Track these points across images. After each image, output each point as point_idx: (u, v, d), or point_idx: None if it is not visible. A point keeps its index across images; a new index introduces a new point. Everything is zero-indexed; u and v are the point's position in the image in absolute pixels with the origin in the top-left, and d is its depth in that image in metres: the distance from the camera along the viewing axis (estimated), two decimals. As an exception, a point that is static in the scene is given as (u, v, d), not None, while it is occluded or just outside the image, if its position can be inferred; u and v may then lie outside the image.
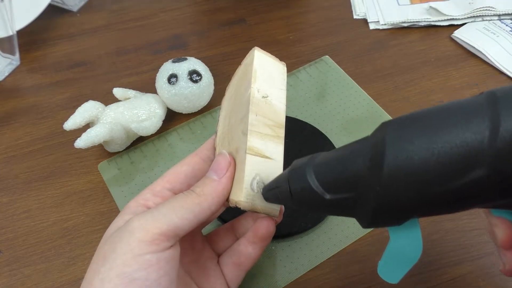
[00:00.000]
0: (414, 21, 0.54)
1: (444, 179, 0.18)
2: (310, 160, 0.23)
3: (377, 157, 0.19)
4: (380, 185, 0.19)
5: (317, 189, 0.22)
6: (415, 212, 0.20)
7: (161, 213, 0.25)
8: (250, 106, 0.27)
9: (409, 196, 0.19)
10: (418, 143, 0.18)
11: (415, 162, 0.18)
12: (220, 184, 0.27)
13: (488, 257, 0.36)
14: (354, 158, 0.21)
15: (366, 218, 0.21)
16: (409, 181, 0.19)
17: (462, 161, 0.18)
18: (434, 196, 0.18)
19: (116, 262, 0.23)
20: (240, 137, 0.28)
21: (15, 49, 0.50)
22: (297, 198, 0.23)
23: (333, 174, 0.21)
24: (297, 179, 0.23)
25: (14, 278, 0.36)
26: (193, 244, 0.30)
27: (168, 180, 0.28)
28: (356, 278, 0.35)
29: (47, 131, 0.45)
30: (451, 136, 0.18)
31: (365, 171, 0.20)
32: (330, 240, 0.37)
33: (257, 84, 0.28)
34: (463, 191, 0.18)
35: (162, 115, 0.43)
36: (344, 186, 0.21)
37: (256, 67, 0.29)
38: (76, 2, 0.57)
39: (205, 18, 0.56)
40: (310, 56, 0.51)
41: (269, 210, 0.27)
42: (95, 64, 0.51)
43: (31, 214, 0.39)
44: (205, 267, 0.30)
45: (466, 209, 0.19)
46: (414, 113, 0.20)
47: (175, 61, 0.43)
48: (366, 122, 0.45)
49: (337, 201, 0.21)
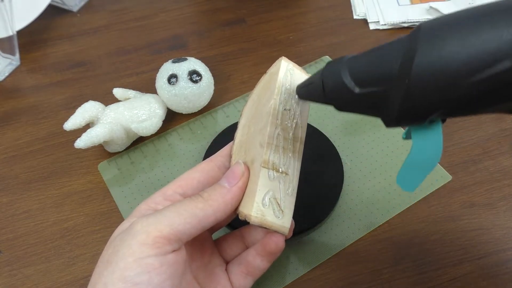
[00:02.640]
0: (414, 21, 0.54)
1: (472, 70, 0.18)
2: (344, 57, 0.24)
3: (409, 52, 0.20)
4: (409, 78, 0.20)
5: (348, 84, 0.22)
6: (441, 108, 0.20)
7: (163, 216, 0.24)
8: (270, 118, 0.27)
9: (437, 89, 0.19)
10: (450, 38, 0.19)
11: (445, 54, 0.19)
12: (229, 193, 0.26)
13: (488, 257, 0.36)
14: (387, 54, 0.21)
15: (392, 114, 0.21)
16: (438, 73, 0.19)
17: (491, 53, 0.18)
18: (460, 88, 0.19)
19: (119, 265, 0.23)
20: (257, 148, 0.27)
21: (15, 49, 0.50)
22: (329, 93, 0.24)
23: (365, 69, 0.22)
24: (331, 73, 0.24)
25: (14, 278, 0.36)
26: (202, 250, 0.30)
27: (180, 185, 0.28)
28: (356, 278, 0.35)
29: (47, 131, 0.45)
30: (483, 33, 0.18)
31: (395, 67, 0.21)
32: (330, 240, 0.37)
33: (280, 95, 0.28)
34: (489, 83, 0.18)
35: (162, 115, 0.43)
36: (374, 80, 0.22)
37: (281, 77, 0.28)
38: (76, 2, 0.57)
39: (205, 18, 0.56)
40: (310, 56, 0.51)
41: (279, 228, 0.27)
42: (95, 64, 0.51)
43: (31, 214, 0.39)
44: (212, 273, 0.30)
45: (490, 109, 0.20)
46: (449, 14, 0.20)
47: (175, 61, 0.43)
48: (366, 122, 0.45)
49: (366, 95, 0.22)
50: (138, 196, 0.40)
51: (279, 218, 0.27)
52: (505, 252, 0.37)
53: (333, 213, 0.39)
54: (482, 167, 0.42)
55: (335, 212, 0.39)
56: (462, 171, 0.41)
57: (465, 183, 0.41)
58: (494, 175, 0.41)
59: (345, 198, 0.40)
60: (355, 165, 0.42)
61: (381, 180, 0.41)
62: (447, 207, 0.39)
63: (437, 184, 0.40)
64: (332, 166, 0.40)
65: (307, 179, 0.39)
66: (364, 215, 0.39)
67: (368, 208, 0.39)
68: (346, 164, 0.42)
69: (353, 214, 0.39)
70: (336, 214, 0.39)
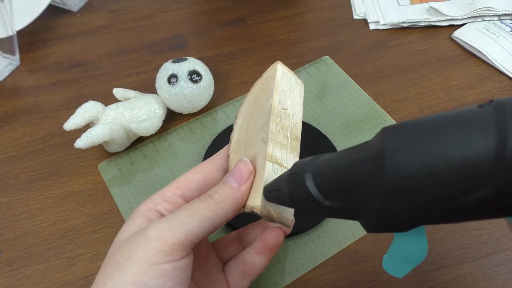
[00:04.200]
0: (414, 21, 0.54)
1: (444, 199, 0.17)
2: (309, 165, 0.23)
3: (376, 170, 0.18)
4: (380, 199, 0.18)
5: (316, 196, 0.21)
6: (417, 225, 0.19)
7: (178, 222, 0.24)
8: (271, 116, 0.28)
9: (409, 212, 0.18)
10: (417, 157, 0.17)
11: (414, 179, 0.17)
12: (239, 192, 0.26)
13: (488, 257, 0.36)
14: (353, 168, 0.20)
15: (368, 226, 0.20)
16: (408, 198, 0.18)
17: (463, 180, 0.16)
18: (434, 214, 0.18)
19: (132, 269, 0.23)
20: (259, 145, 0.28)
21: (15, 49, 0.50)
22: (297, 202, 0.23)
23: (332, 183, 0.21)
24: (297, 184, 0.23)
25: (14, 278, 0.36)
26: (198, 250, 0.30)
27: (179, 186, 0.28)
28: (356, 278, 0.35)
29: (47, 131, 0.45)
30: (452, 151, 0.16)
31: (363, 182, 0.19)
32: (330, 240, 0.37)
33: (278, 95, 0.29)
34: (464, 211, 0.17)
35: (162, 115, 0.43)
36: (343, 195, 0.20)
37: (278, 79, 0.30)
38: (76, 2, 0.57)
39: (205, 18, 0.56)
40: (310, 56, 0.51)
41: (284, 219, 0.27)
42: (95, 64, 0.51)
43: (31, 214, 0.39)
44: (209, 274, 0.30)
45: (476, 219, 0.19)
46: (415, 121, 0.19)
47: (175, 61, 0.43)
48: (366, 122, 0.45)
49: (337, 208, 0.21)
50: (138, 196, 0.40)
51: (282, 210, 0.28)
52: (505, 252, 0.37)
53: (333, 213, 0.39)
54: (482, 167, 0.42)
55: (335, 212, 0.39)
56: (462, 171, 0.41)
57: (465, 183, 0.41)
58: (494, 175, 0.41)
59: (345, 198, 0.40)
60: (355, 165, 0.42)
61: (381, 180, 0.41)
62: (447, 207, 0.39)
63: (437, 184, 0.40)
64: (332, 166, 0.40)
65: (307, 179, 0.39)
66: (364, 215, 0.39)
67: (368, 208, 0.39)
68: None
69: (353, 214, 0.39)
70: (336, 214, 0.39)
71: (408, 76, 0.49)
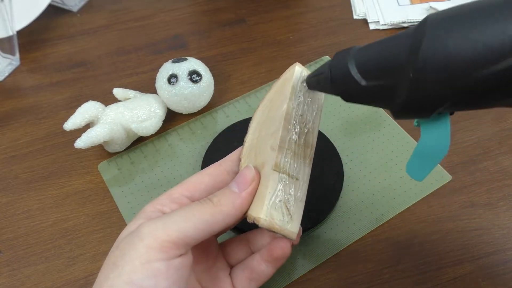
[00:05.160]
0: (414, 21, 0.54)
1: (477, 66, 0.18)
2: (352, 49, 0.24)
3: (415, 44, 0.20)
4: (413, 71, 0.20)
5: (355, 76, 0.23)
6: (446, 101, 0.20)
7: (172, 220, 0.24)
8: (283, 122, 0.27)
9: (442, 82, 0.19)
10: (456, 30, 0.19)
11: (450, 47, 0.19)
12: (239, 198, 0.26)
13: (488, 257, 0.36)
14: (393, 46, 0.21)
15: (398, 107, 0.21)
16: (443, 66, 0.19)
17: (497, 49, 0.18)
18: (466, 82, 0.19)
19: (125, 269, 0.23)
20: (268, 152, 0.27)
21: (15, 49, 0.50)
22: (336, 84, 0.24)
23: (371, 61, 0.22)
24: (338, 65, 0.24)
25: (14, 278, 0.36)
26: (207, 253, 0.30)
27: (188, 188, 0.28)
28: (356, 278, 0.35)
29: (47, 131, 0.45)
30: (487, 27, 0.18)
31: (401, 59, 0.21)
32: (330, 240, 0.37)
33: (293, 100, 0.28)
34: (495, 79, 0.18)
35: (162, 115, 0.43)
36: (380, 73, 0.22)
37: (294, 82, 0.28)
38: (76, 2, 0.57)
39: (205, 18, 0.56)
40: (310, 56, 0.51)
41: (288, 233, 0.26)
42: (95, 64, 0.51)
43: (31, 214, 0.39)
44: (216, 277, 0.30)
45: (500, 103, 0.20)
46: (456, 7, 0.20)
47: (175, 61, 0.43)
48: (366, 122, 0.45)
49: (373, 88, 0.22)
50: (138, 196, 0.40)
51: (288, 222, 0.26)
52: (505, 252, 0.37)
53: (333, 213, 0.39)
54: (482, 167, 0.42)
55: (335, 212, 0.39)
56: (462, 171, 0.41)
57: (465, 183, 0.41)
58: (494, 175, 0.41)
59: (345, 198, 0.40)
60: (355, 165, 0.42)
61: (381, 180, 0.41)
62: (447, 207, 0.39)
63: (437, 184, 0.40)
64: (332, 166, 0.40)
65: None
66: (364, 215, 0.39)
67: (368, 208, 0.39)
68: (346, 164, 0.42)
69: (353, 214, 0.39)
70: (336, 214, 0.39)
71: (408, 76, 0.49)
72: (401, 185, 0.40)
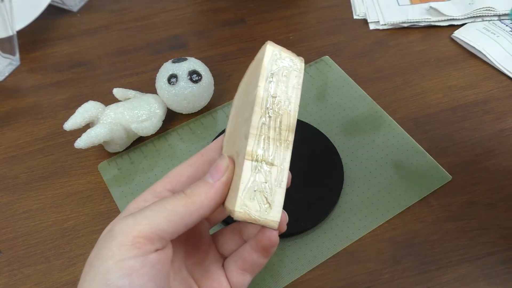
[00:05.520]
0: (414, 21, 0.54)
1: None
2: None
3: None
4: None
5: None
6: None
7: (143, 215, 0.24)
8: (254, 107, 0.25)
9: None
10: None
11: None
12: (212, 188, 0.25)
13: (488, 257, 0.36)
14: None
15: None
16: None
17: None
18: None
19: (100, 269, 0.22)
20: (242, 140, 0.26)
21: (15, 49, 0.50)
22: None
23: None
24: None
25: (14, 278, 0.36)
26: (198, 246, 0.30)
27: (170, 181, 0.27)
28: (356, 278, 0.35)
29: (47, 131, 0.45)
30: None
31: None
32: (330, 240, 0.37)
33: (265, 82, 0.26)
34: None
35: (162, 115, 0.43)
36: None
37: (265, 63, 0.26)
38: (76, 2, 0.57)
39: (205, 18, 0.56)
40: (310, 56, 0.51)
41: (267, 222, 0.25)
42: (95, 64, 0.51)
43: (31, 214, 0.39)
44: (208, 270, 0.29)
45: None
46: None
47: (175, 61, 0.43)
48: (366, 122, 0.45)
49: None
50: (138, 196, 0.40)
51: (266, 212, 0.25)
52: (505, 252, 0.37)
53: (333, 213, 0.39)
54: (482, 167, 0.42)
55: (335, 212, 0.39)
56: (462, 171, 0.41)
57: (465, 183, 0.41)
58: (494, 175, 0.41)
59: (345, 198, 0.40)
60: (355, 165, 0.42)
61: (381, 180, 0.41)
62: (447, 207, 0.39)
63: (437, 184, 0.40)
64: (332, 166, 0.40)
65: (307, 179, 0.39)
66: (364, 215, 0.39)
67: (368, 208, 0.39)
68: (346, 164, 0.42)
69: (353, 214, 0.39)
70: (336, 214, 0.39)
71: (408, 76, 0.49)
72: (401, 185, 0.40)
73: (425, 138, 0.44)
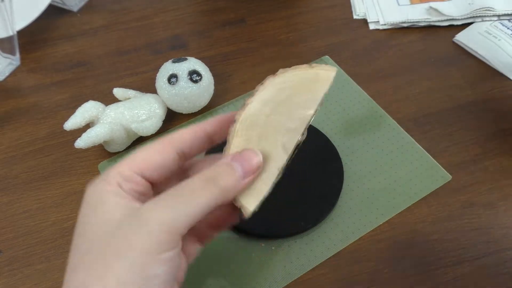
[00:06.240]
0: (414, 21, 0.54)
1: None
2: None
3: None
4: None
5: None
6: None
7: (178, 210, 0.23)
8: (304, 126, 0.26)
9: None
10: None
11: None
12: (241, 185, 0.25)
13: (488, 257, 0.36)
14: None
15: None
16: None
17: None
18: None
19: (135, 260, 0.22)
20: (278, 149, 0.26)
21: (15, 49, 0.50)
22: None
23: None
24: None
25: (14, 278, 0.36)
26: None
27: (139, 167, 0.26)
28: (356, 278, 0.35)
29: (47, 131, 0.45)
30: None
31: None
32: (330, 240, 0.37)
33: (319, 107, 0.27)
34: None
35: (162, 115, 0.43)
36: None
37: (326, 89, 0.27)
38: (76, 2, 0.57)
39: (205, 18, 0.56)
40: (310, 56, 0.51)
41: (244, 209, 0.26)
42: (95, 64, 0.51)
43: (31, 214, 0.39)
44: None
45: None
46: None
47: (175, 61, 0.43)
48: (366, 122, 0.45)
49: None
50: (138, 196, 0.40)
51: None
52: (505, 252, 0.37)
53: (333, 213, 0.39)
54: (482, 167, 0.42)
55: (335, 212, 0.39)
56: (462, 171, 0.41)
57: (465, 183, 0.41)
58: (494, 175, 0.41)
59: (345, 198, 0.40)
60: (355, 165, 0.42)
61: (381, 180, 0.41)
62: (447, 207, 0.39)
63: (437, 184, 0.40)
64: (332, 166, 0.40)
65: (307, 179, 0.39)
66: (364, 215, 0.39)
67: (368, 208, 0.39)
68: (346, 164, 0.42)
69: (353, 214, 0.39)
70: (336, 214, 0.39)
71: (408, 76, 0.49)
72: (401, 185, 0.40)
73: (425, 138, 0.44)
